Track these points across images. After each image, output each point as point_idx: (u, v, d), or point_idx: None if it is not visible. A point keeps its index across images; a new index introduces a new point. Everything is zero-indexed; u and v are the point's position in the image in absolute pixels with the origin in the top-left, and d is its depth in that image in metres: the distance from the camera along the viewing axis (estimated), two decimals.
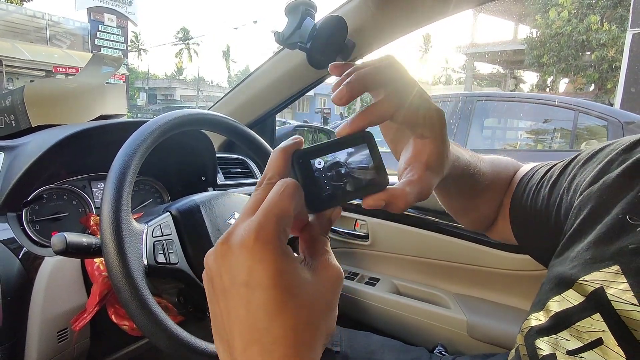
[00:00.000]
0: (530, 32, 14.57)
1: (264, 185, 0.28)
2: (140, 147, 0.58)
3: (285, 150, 0.29)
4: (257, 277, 0.23)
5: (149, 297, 0.52)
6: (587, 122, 3.15)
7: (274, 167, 0.28)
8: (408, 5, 0.87)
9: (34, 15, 16.94)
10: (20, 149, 0.75)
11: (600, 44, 12.08)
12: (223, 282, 0.25)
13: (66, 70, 16.38)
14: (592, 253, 0.32)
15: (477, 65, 20.09)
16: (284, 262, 0.24)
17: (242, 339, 0.24)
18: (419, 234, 1.06)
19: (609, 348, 0.28)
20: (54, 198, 0.82)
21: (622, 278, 0.29)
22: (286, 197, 0.26)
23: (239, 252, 0.24)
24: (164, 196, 1.04)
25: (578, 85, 13.76)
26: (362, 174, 0.31)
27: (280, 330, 0.23)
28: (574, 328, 0.31)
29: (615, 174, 0.35)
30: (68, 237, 0.55)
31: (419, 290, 1.08)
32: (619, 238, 0.31)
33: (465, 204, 0.55)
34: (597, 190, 0.36)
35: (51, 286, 0.68)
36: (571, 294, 0.32)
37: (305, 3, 0.87)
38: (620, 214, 0.32)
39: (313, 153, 0.29)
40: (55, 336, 0.68)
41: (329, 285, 0.27)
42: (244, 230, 0.24)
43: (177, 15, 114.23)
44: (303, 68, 1.02)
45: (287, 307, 0.23)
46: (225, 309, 0.25)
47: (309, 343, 0.24)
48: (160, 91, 33.35)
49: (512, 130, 4.55)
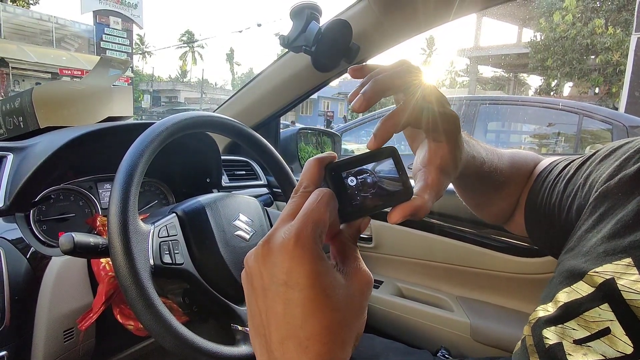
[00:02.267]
0: (534, 36, 14.57)
1: (300, 193, 0.29)
2: (147, 149, 0.59)
3: (320, 161, 0.31)
4: (296, 277, 0.25)
5: (155, 297, 0.53)
6: (591, 126, 3.15)
7: (309, 177, 0.30)
8: (412, 9, 0.87)
9: (40, 18, 17.12)
10: (29, 150, 0.76)
11: (605, 47, 12.06)
12: (263, 280, 0.27)
13: (72, 72, 16.52)
14: (605, 247, 0.33)
15: (480, 68, 20.07)
16: (321, 265, 0.26)
17: (279, 333, 0.25)
18: (423, 236, 1.06)
19: (616, 337, 0.29)
20: (61, 198, 0.83)
21: (633, 270, 0.29)
22: (322, 205, 0.27)
23: (279, 254, 0.26)
24: (169, 197, 1.05)
25: (582, 89, 13.72)
26: (389, 185, 0.32)
27: (316, 328, 0.25)
28: (581, 318, 0.32)
29: (632, 170, 0.35)
30: (76, 237, 0.56)
31: (423, 293, 1.08)
32: (633, 232, 0.31)
33: (481, 199, 0.57)
34: (614, 187, 0.36)
35: (58, 286, 0.69)
36: (581, 286, 0.33)
37: (310, 7, 0.87)
38: (634, 209, 0.32)
39: (344, 166, 0.31)
40: (61, 335, 0.69)
41: (360, 289, 0.28)
42: (284, 234, 0.26)
43: (182, 18, 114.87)
44: (307, 71, 1.03)
45: (322, 307, 0.25)
46: (263, 306, 0.27)
47: (342, 342, 0.26)
48: (165, 93, 33.50)
49: (516, 133, 4.54)
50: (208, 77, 60.20)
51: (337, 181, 0.30)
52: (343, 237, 0.31)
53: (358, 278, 0.29)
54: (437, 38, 41.99)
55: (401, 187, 0.33)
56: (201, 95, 30.58)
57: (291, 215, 0.28)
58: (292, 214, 0.28)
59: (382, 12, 0.89)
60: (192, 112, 0.68)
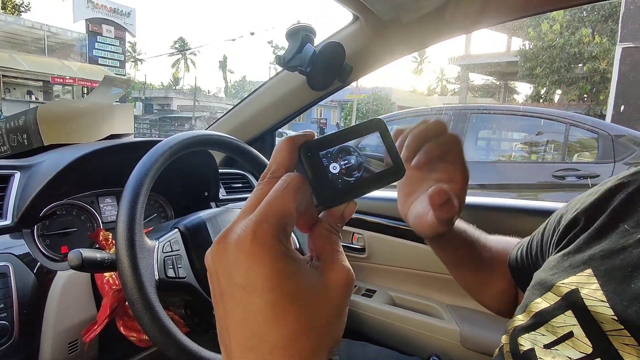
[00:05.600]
0: (523, 45, 14.83)
1: (266, 180, 0.26)
2: (152, 167, 0.62)
3: (292, 140, 0.27)
4: (254, 279, 0.22)
5: (161, 310, 0.56)
6: (578, 135, 3.22)
7: (279, 160, 0.26)
8: (403, 30, 0.92)
9: (32, 26, 17.06)
10: (36, 169, 0.79)
11: (592, 56, 12.30)
12: (220, 283, 0.24)
13: (63, 80, 16.43)
14: (570, 262, 0.37)
15: (471, 76, 20.36)
16: (284, 264, 0.23)
17: (239, 344, 0.23)
18: (414, 247, 1.10)
19: (578, 339, 0.33)
20: (64, 214, 0.86)
21: (593, 279, 0.34)
22: (289, 192, 0.24)
23: (235, 252, 0.23)
24: (168, 211, 1.08)
25: (571, 97, 13.97)
26: (376, 163, 0.29)
27: (279, 339, 0.22)
28: (549, 324, 0.36)
29: (595, 199, 0.40)
30: (84, 253, 0.58)
31: (414, 301, 1.12)
32: (592, 247, 0.36)
33: (477, 276, 0.60)
34: (581, 213, 0.41)
35: (63, 299, 0.71)
36: (549, 296, 0.37)
37: (305, 29, 0.92)
38: (596, 228, 0.38)
39: (322, 144, 0.27)
40: (66, 347, 0.71)
41: (337, 288, 0.25)
42: (240, 229, 0.23)
43: (175, 26, 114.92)
44: (302, 89, 1.07)
45: (286, 313, 0.22)
46: (223, 312, 0.24)
47: (312, 352, 0.23)
48: (157, 101, 33.39)
49: (507, 141, 4.62)
50: (201, 85, 60.20)
51: (314, 162, 0.26)
52: (322, 227, 0.27)
53: (335, 275, 0.25)
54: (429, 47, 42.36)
55: (391, 164, 0.29)
56: (194, 103, 30.54)
57: (252, 206, 0.24)
58: (254, 205, 0.24)
59: (374, 34, 0.94)
60: (193, 132, 0.72)
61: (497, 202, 1.05)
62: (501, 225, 0.98)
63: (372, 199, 1.20)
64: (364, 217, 1.19)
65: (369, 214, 1.18)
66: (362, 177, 0.27)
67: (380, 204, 1.17)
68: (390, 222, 1.14)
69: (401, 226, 1.12)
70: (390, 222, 1.14)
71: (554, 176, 2.87)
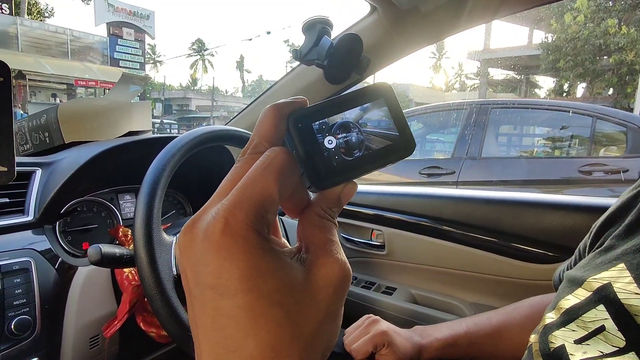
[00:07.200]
0: (546, 37, 14.44)
1: (246, 157, 0.22)
2: (169, 163, 0.61)
3: (278, 109, 0.22)
4: (226, 279, 0.18)
5: (179, 305, 0.55)
6: (605, 129, 3.11)
7: (263, 132, 0.22)
8: (422, 20, 0.89)
9: (56, 31, 17.59)
10: (56, 165, 0.80)
11: (619, 47, 11.89)
12: (188, 282, 0.20)
13: (86, 83, 16.90)
14: (602, 259, 0.37)
15: (491, 71, 19.95)
16: (261, 260, 0.18)
17: (209, 355, 0.19)
18: (435, 243, 1.07)
19: (610, 333, 0.32)
20: (85, 210, 0.87)
21: (626, 273, 0.33)
22: (270, 172, 0.20)
23: (203, 246, 0.18)
24: (186, 207, 1.08)
25: (596, 90, 13.55)
26: (380, 137, 0.24)
27: (256, 350, 0.18)
28: (580, 319, 0.35)
29: (627, 198, 0.40)
30: (103, 248, 0.59)
31: (436, 299, 1.09)
32: (625, 242, 0.36)
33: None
34: (611, 215, 0.41)
35: (84, 295, 0.72)
36: (580, 292, 0.36)
37: (321, 21, 0.90)
38: (626, 224, 0.37)
39: (315, 114, 0.23)
40: (87, 342, 0.72)
41: (329, 287, 0.20)
42: (210, 217, 0.19)
43: (192, 27, 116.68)
44: (319, 83, 1.05)
45: (265, 319, 0.18)
46: (192, 315, 0.20)
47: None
48: (176, 102, 34.00)
49: (528, 137, 4.51)
50: (219, 85, 60.98)
51: (305, 135, 0.22)
52: (314, 212, 0.22)
53: (327, 270, 0.21)
54: (447, 41, 41.91)
55: (397, 138, 0.24)
56: (212, 103, 30.95)
57: (226, 189, 0.20)
58: (228, 187, 0.20)
59: (392, 25, 0.91)
60: (210, 127, 0.71)
61: (521, 197, 1.01)
62: (525, 220, 0.95)
63: (392, 194, 1.18)
64: (383, 214, 1.16)
65: (389, 210, 1.16)
66: (362, 154, 0.23)
67: (400, 200, 1.15)
68: (410, 218, 1.12)
69: (422, 222, 1.09)
70: (411, 218, 1.11)
71: (580, 172, 2.78)
